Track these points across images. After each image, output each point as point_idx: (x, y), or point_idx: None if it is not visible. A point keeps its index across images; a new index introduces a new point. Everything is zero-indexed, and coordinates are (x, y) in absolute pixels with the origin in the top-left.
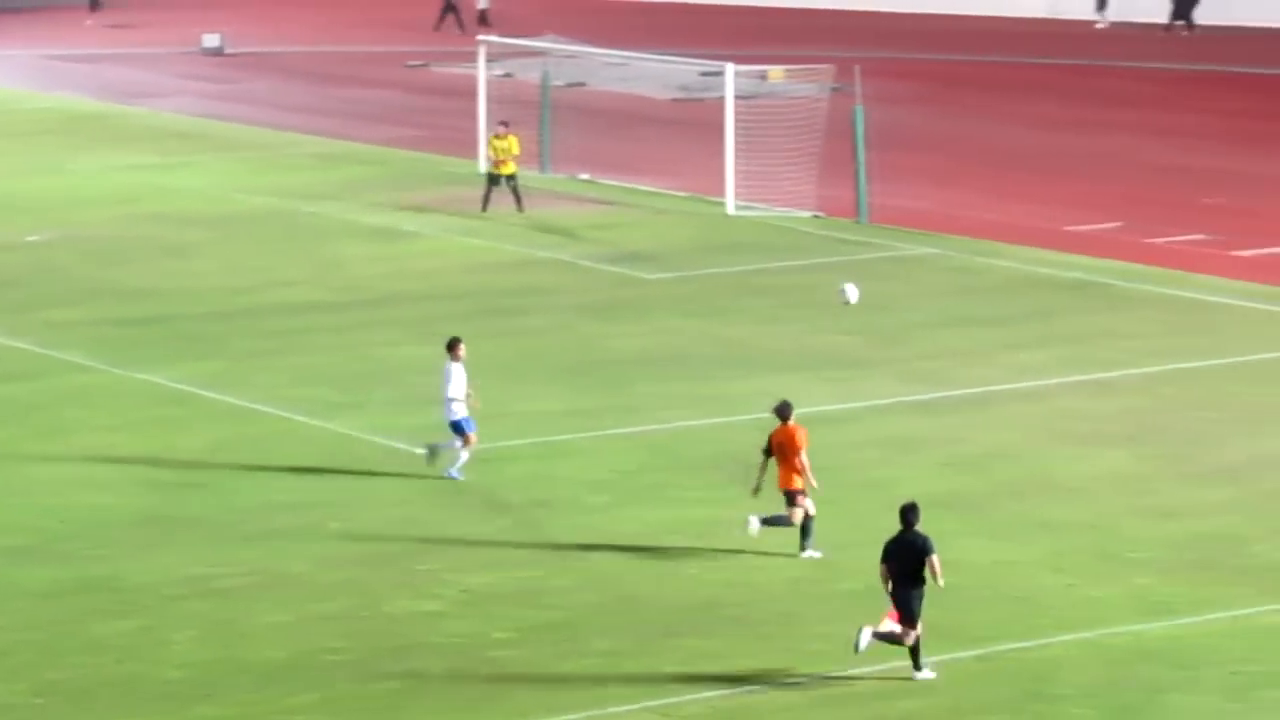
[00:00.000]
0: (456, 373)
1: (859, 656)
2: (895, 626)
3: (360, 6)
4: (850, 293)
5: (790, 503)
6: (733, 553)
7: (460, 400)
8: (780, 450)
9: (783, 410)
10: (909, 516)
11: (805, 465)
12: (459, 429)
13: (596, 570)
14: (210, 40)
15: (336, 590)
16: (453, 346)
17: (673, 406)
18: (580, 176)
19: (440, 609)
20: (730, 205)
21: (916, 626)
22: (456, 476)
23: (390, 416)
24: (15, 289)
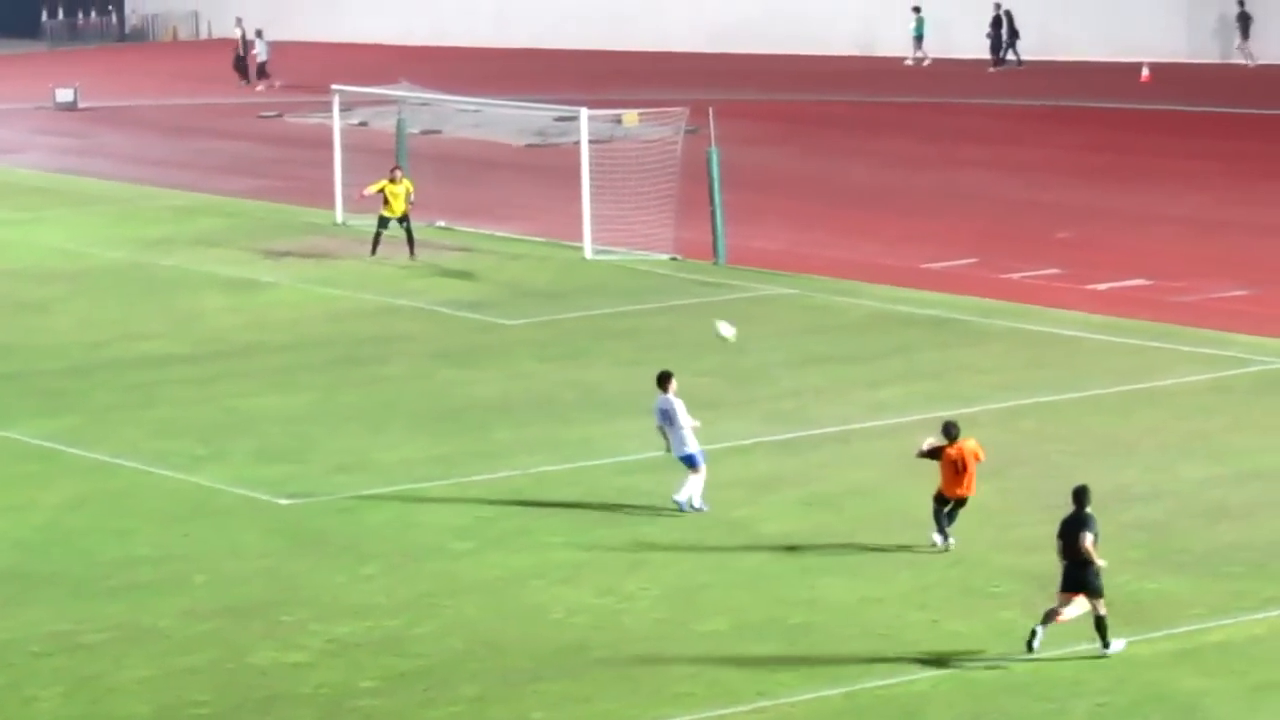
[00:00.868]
0: (680, 405)
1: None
2: (1062, 606)
3: (210, 59)
4: (724, 329)
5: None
6: (598, 595)
7: (691, 430)
8: (958, 464)
9: (953, 429)
10: (1081, 498)
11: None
12: (693, 463)
13: (462, 616)
14: (64, 95)
15: (201, 643)
16: (666, 381)
17: (534, 451)
18: (437, 224)
19: (306, 659)
20: (588, 249)
21: (1102, 597)
22: (703, 508)
23: (253, 467)
24: None
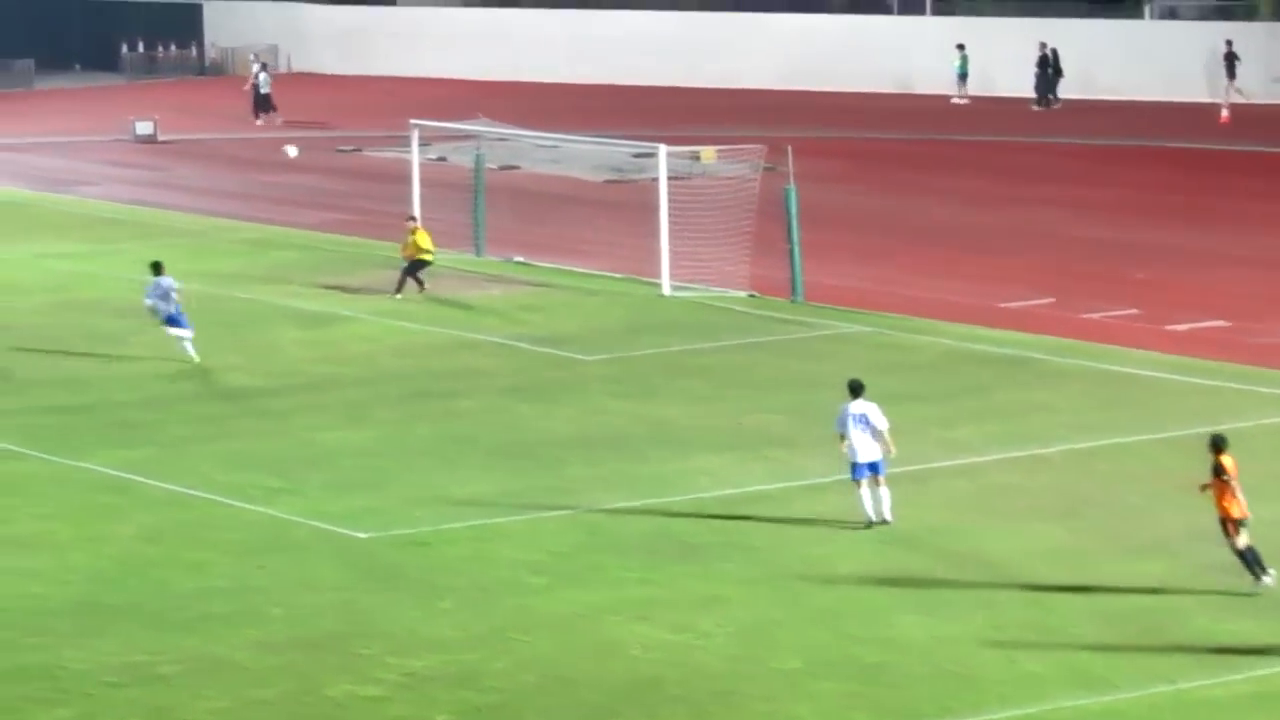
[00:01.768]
0: (877, 409)
1: None
2: None
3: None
4: (289, 150)
5: (1240, 529)
6: (673, 631)
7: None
8: (1228, 479)
9: (1221, 440)
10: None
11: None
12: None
13: (536, 652)
14: (143, 127)
15: (276, 675)
16: (858, 390)
17: (608, 487)
18: (514, 259)
19: (381, 693)
20: (665, 286)
21: None
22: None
23: (327, 500)
24: None
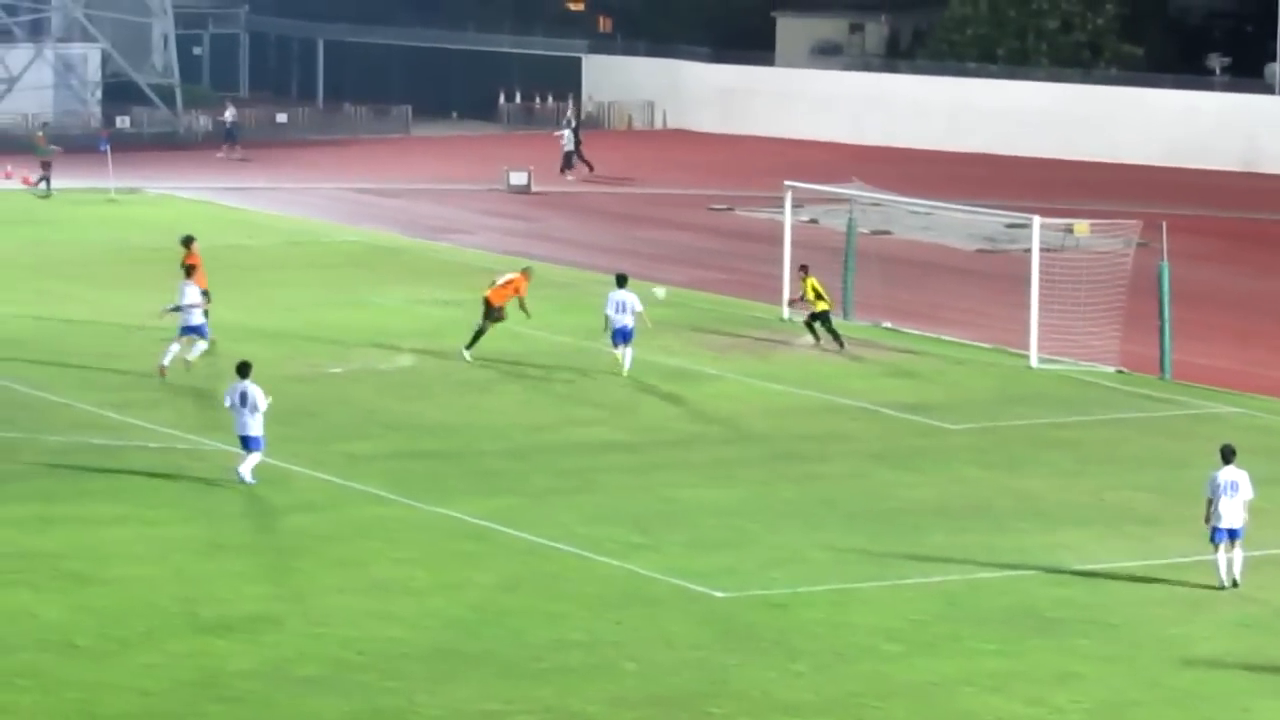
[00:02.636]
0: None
1: None
2: None
3: (661, 148)
4: (658, 292)
5: None
6: (1028, 705)
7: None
8: None
9: None
10: None
11: None
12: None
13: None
14: (518, 178)
15: None
16: (1229, 455)
17: (968, 557)
18: (883, 324)
19: None
20: (1033, 358)
21: None
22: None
23: (687, 558)
24: (316, 420)
